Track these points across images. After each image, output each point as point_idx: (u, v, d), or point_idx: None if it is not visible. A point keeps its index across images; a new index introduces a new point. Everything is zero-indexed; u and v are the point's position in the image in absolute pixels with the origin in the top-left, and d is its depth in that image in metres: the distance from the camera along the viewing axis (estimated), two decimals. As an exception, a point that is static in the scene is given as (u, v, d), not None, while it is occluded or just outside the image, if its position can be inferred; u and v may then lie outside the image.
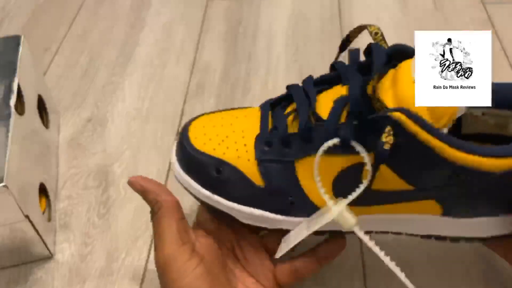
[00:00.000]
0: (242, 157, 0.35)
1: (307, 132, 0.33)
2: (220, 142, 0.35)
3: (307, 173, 0.33)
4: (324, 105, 0.33)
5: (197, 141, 0.36)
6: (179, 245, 0.33)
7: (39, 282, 0.43)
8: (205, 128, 0.37)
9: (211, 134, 0.36)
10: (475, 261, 0.41)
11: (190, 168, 0.36)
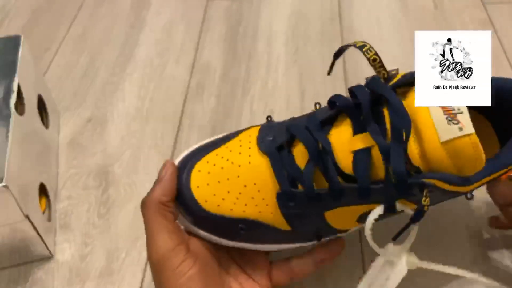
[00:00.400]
0: (263, 211, 0.34)
1: (338, 192, 0.33)
2: (235, 201, 0.34)
3: (337, 216, 0.35)
4: (339, 153, 0.33)
5: (208, 204, 0.34)
6: (174, 245, 0.33)
7: (39, 282, 0.43)
8: (211, 186, 0.34)
9: (221, 192, 0.34)
10: (475, 261, 0.41)
11: (208, 229, 0.35)
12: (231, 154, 0.35)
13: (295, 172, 0.33)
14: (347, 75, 0.59)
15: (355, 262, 0.42)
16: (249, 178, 0.34)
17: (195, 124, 0.55)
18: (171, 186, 0.35)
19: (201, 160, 0.35)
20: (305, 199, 0.33)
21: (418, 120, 0.30)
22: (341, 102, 0.33)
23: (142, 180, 0.50)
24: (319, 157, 0.33)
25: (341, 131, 0.33)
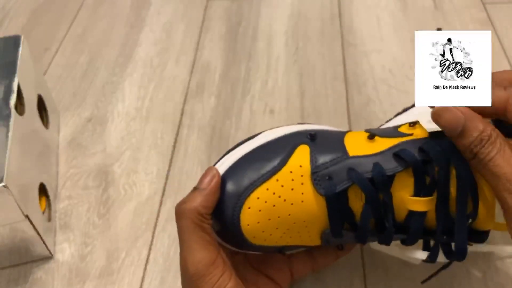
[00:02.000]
0: (305, 240, 0.35)
1: (388, 240, 0.34)
2: (282, 235, 0.34)
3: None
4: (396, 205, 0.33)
5: (256, 239, 0.34)
6: (213, 260, 0.32)
7: (39, 282, 0.43)
8: (261, 224, 0.34)
9: (269, 229, 0.34)
10: (475, 261, 0.41)
11: (248, 250, 0.36)
12: (283, 190, 0.34)
13: (349, 215, 0.34)
14: (347, 75, 0.59)
15: (355, 262, 0.42)
16: (300, 216, 0.34)
17: (195, 124, 0.55)
18: (214, 198, 0.33)
19: (252, 195, 0.34)
20: (352, 239, 0.34)
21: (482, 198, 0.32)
22: (409, 158, 0.33)
23: (142, 180, 0.50)
24: (378, 210, 0.33)
25: (403, 186, 0.33)
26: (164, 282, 0.42)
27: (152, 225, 0.46)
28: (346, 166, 0.34)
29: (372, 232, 0.34)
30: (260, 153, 0.35)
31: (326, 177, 0.34)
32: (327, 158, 0.34)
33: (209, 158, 0.51)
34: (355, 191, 0.33)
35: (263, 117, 0.55)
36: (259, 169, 0.34)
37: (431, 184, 0.32)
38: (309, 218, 0.34)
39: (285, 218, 0.34)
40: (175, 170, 0.51)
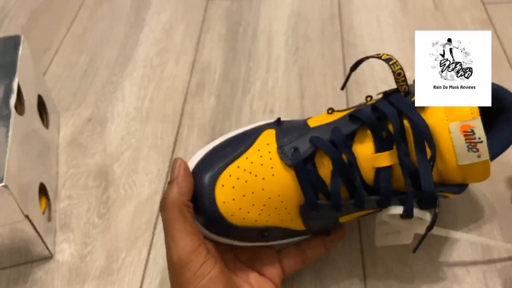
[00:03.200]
0: (285, 219, 0.36)
1: (362, 203, 0.35)
2: (260, 212, 0.35)
3: (347, 218, 0.37)
4: (362, 167, 0.34)
5: (234, 218, 0.35)
6: (195, 247, 0.33)
7: (39, 282, 0.43)
8: (236, 201, 0.35)
9: (246, 206, 0.35)
10: (475, 261, 0.41)
11: (231, 235, 0.36)
12: (253, 166, 0.35)
13: (320, 184, 0.35)
14: (347, 75, 0.59)
15: (355, 262, 0.42)
16: (274, 190, 0.35)
17: (195, 124, 0.55)
18: (187, 184, 0.34)
19: (223, 174, 0.35)
20: (328, 209, 0.35)
21: (439, 142, 0.33)
22: (365, 117, 0.34)
23: (142, 180, 0.50)
24: (345, 171, 0.34)
25: (364, 146, 0.35)
26: (164, 282, 0.42)
27: (152, 225, 0.46)
28: (308, 136, 0.36)
29: (345, 200, 0.35)
30: (229, 142, 0.38)
31: (291, 149, 0.35)
32: (291, 134, 0.37)
33: (209, 158, 0.51)
34: (322, 159, 0.35)
35: (263, 117, 0.55)
36: (229, 153, 0.36)
37: (388, 138, 0.34)
38: (283, 192, 0.35)
39: (259, 193, 0.35)
40: (175, 170, 0.51)
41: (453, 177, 0.34)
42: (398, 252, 0.41)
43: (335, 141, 0.35)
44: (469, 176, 0.34)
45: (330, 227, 0.39)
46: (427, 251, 0.42)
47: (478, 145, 0.32)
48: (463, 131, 0.32)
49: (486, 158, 0.33)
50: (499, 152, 0.37)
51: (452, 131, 0.33)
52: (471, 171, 0.34)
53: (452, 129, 0.33)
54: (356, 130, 0.35)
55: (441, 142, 0.33)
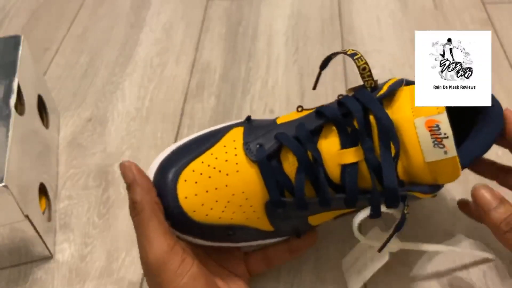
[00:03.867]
0: (250, 217, 0.35)
1: (326, 203, 0.34)
2: (224, 209, 0.35)
3: (318, 219, 0.37)
4: (328, 164, 0.34)
5: (196, 214, 0.34)
6: (171, 246, 0.32)
7: (39, 282, 0.43)
8: (199, 196, 0.34)
9: (209, 202, 0.34)
10: (475, 261, 0.41)
11: (195, 233, 0.36)
12: (217, 162, 0.35)
13: (285, 181, 0.34)
14: (347, 76, 0.59)
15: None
16: (238, 186, 0.34)
17: (195, 124, 0.55)
18: (147, 181, 0.34)
19: (187, 169, 0.35)
20: (294, 207, 0.34)
21: (404, 138, 0.32)
22: (330, 113, 0.34)
23: (142, 180, 0.50)
24: (310, 168, 0.33)
25: (329, 142, 0.34)
26: (164, 282, 0.42)
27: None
28: (274, 132, 0.35)
29: (310, 198, 0.34)
30: (195, 140, 0.37)
31: (257, 145, 0.35)
32: (259, 131, 0.36)
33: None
34: (287, 156, 0.34)
35: (263, 117, 0.55)
36: (193, 150, 0.36)
37: (354, 134, 0.33)
38: (247, 189, 0.34)
39: (223, 190, 0.34)
40: (175, 170, 0.51)
41: (422, 175, 0.33)
42: (398, 252, 0.41)
43: (299, 136, 0.34)
44: (438, 175, 0.33)
45: (301, 230, 0.38)
46: (427, 251, 0.42)
47: (444, 140, 0.31)
48: (428, 127, 0.31)
49: (453, 155, 0.31)
50: (479, 154, 0.35)
51: (417, 126, 0.31)
52: (439, 168, 0.32)
53: (417, 124, 0.31)
54: (322, 126, 0.34)
55: (406, 138, 0.32)
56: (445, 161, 0.31)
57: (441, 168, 0.32)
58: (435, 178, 0.33)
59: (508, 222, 0.34)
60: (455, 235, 0.41)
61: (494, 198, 0.35)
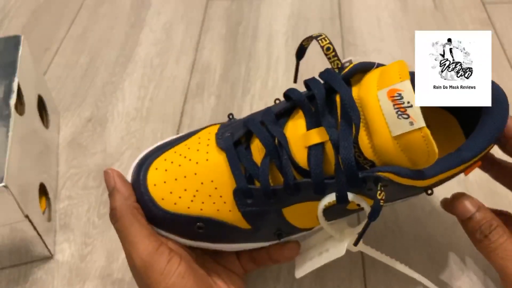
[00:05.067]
0: (222, 209, 0.34)
1: (293, 188, 0.32)
2: (192, 198, 0.34)
3: (295, 213, 0.34)
4: (295, 147, 0.32)
5: (165, 202, 0.34)
6: (156, 247, 0.32)
7: (39, 282, 0.43)
8: (167, 184, 0.34)
9: (177, 190, 0.34)
10: (475, 261, 0.41)
11: (166, 227, 0.35)
12: (189, 151, 0.35)
13: (252, 167, 0.33)
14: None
15: (355, 262, 0.42)
16: (206, 175, 0.34)
17: (195, 124, 0.55)
18: (128, 188, 0.34)
19: (159, 158, 0.35)
20: (262, 195, 0.33)
21: (369, 113, 0.30)
22: (295, 95, 0.33)
23: (142, 180, 0.50)
24: (276, 152, 0.32)
25: (296, 125, 0.33)
26: (164, 282, 0.42)
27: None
28: (243, 120, 0.35)
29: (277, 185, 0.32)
30: (174, 138, 0.37)
31: (227, 133, 0.34)
32: (234, 123, 0.36)
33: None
34: (257, 144, 0.33)
35: (263, 117, 0.55)
36: (171, 144, 0.36)
37: (318, 115, 0.32)
38: (216, 177, 0.33)
39: (192, 178, 0.33)
40: (175, 170, 0.51)
41: (394, 153, 0.29)
42: (398, 252, 0.41)
43: (265, 121, 0.33)
44: (412, 153, 0.29)
45: (283, 231, 0.35)
46: (427, 251, 0.42)
47: (408, 110, 0.28)
48: (391, 97, 0.29)
49: (420, 125, 0.28)
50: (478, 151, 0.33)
51: (380, 99, 0.29)
52: (410, 144, 0.29)
53: (380, 96, 0.29)
54: (292, 110, 0.33)
55: (371, 114, 0.29)
56: (414, 135, 0.28)
57: (412, 143, 0.29)
58: (411, 159, 0.30)
59: (482, 231, 0.34)
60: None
61: (472, 206, 0.34)
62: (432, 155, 0.29)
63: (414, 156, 0.29)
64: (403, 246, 0.40)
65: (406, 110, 0.28)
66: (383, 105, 0.29)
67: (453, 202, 0.35)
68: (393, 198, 0.34)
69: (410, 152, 0.29)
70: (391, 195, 0.32)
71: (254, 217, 0.34)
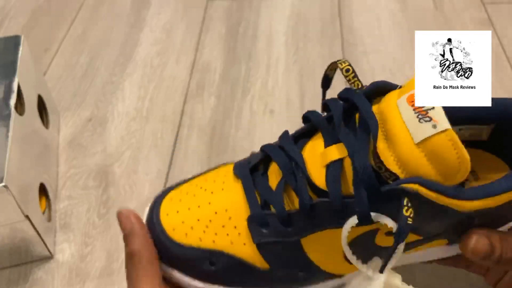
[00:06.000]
0: (235, 242, 0.31)
1: (310, 210, 0.29)
2: (205, 229, 0.31)
3: (316, 246, 0.31)
4: (313, 168, 0.30)
5: (175, 233, 0.31)
6: None
7: (39, 282, 0.43)
8: (180, 214, 0.31)
9: (190, 220, 0.31)
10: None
11: (176, 264, 0.32)
12: (206, 182, 0.33)
13: (267, 192, 0.31)
14: (347, 75, 0.59)
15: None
16: (220, 204, 0.31)
17: (195, 124, 0.55)
18: (145, 231, 0.31)
19: (175, 189, 0.33)
20: (277, 222, 0.30)
21: (389, 123, 0.28)
22: (314, 117, 0.31)
23: (142, 180, 0.50)
24: (292, 174, 0.30)
25: (315, 145, 0.31)
26: (164, 282, 0.42)
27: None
28: (262, 146, 0.33)
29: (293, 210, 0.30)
30: (197, 174, 0.35)
31: (247, 163, 0.33)
32: (254, 155, 0.34)
33: (209, 158, 0.51)
34: (275, 169, 0.31)
35: (263, 117, 0.55)
36: (191, 178, 0.34)
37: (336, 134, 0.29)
38: (230, 206, 0.31)
39: (205, 207, 0.31)
40: (175, 170, 0.51)
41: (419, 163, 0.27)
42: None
43: (283, 144, 0.31)
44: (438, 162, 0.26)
45: (303, 272, 0.32)
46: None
47: (430, 112, 0.26)
48: (411, 101, 0.27)
49: (444, 128, 0.26)
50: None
51: (399, 105, 0.27)
52: (434, 150, 0.26)
53: (399, 104, 0.27)
54: (309, 133, 0.32)
55: (391, 122, 0.27)
56: (439, 139, 0.26)
57: (438, 149, 0.26)
58: (439, 169, 0.26)
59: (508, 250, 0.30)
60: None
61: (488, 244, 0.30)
62: (464, 164, 0.26)
63: (443, 165, 0.26)
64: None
65: (427, 112, 0.26)
66: (403, 111, 0.27)
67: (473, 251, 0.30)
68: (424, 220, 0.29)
69: (437, 160, 0.26)
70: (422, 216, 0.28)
71: (271, 251, 0.31)
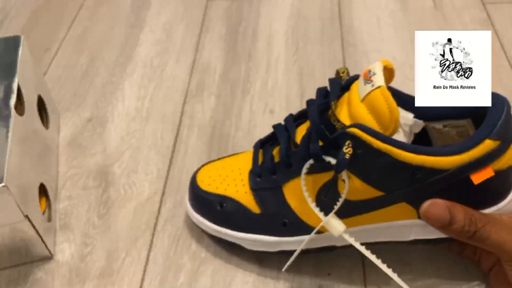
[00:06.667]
0: (240, 190, 0.40)
1: (287, 159, 0.38)
2: (222, 181, 0.41)
3: (294, 194, 0.38)
4: (301, 135, 0.37)
5: (203, 183, 0.42)
6: None
7: (39, 282, 0.43)
8: (210, 172, 0.43)
9: (214, 176, 0.42)
10: (475, 261, 0.41)
11: (199, 207, 0.42)
12: (233, 156, 0.45)
13: (266, 154, 0.40)
14: (347, 75, 0.59)
15: (355, 262, 0.42)
16: (237, 164, 0.42)
17: (195, 124, 0.55)
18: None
19: (214, 161, 0.45)
20: (266, 171, 0.39)
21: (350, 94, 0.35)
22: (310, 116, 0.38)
23: (142, 180, 0.50)
24: (284, 139, 0.39)
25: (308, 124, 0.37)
26: (164, 282, 0.42)
27: (152, 225, 0.46)
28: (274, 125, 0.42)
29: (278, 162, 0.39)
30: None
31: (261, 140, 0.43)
32: None
33: (209, 158, 0.51)
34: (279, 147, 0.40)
35: (263, 117, 0.55)
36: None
37: None
38: (242, 166, 0.41)
39: (227, 167, 0.43)
40: (175, 170, 0.51)
41: (363, 116, 0.33)
42: (398, 252, 0.41)
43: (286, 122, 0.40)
44: (375, 113, 0.32)
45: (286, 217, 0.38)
46: (427, 251, 0.42)
47: (373, 77, 0.33)
48: (364, 75, 0.34)
49: (379, 85, 0.32)
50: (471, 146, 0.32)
51: (359, 81, 0.34)
52: (372, 103, 0.32)
53: (359, 80, 0.34)
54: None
55: (352, 94, 0.34)
56: (374, 94, 0.32)
57: (374, 102, 0.32)
58: (377, 120, 0.32)
59: (469, 230, 0.33)
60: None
61: (444, 211, 0.33)
62: (393, 114, 0.32)
63: (379, 115, 0.32)
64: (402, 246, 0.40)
65: (371, 77, 0.33)
66: (359, 83, 0.34)
67: (427, 215, 0.34)
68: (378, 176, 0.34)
69: (374, 112, 0.32)
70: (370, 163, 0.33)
71: (262, 197, 0.39)
